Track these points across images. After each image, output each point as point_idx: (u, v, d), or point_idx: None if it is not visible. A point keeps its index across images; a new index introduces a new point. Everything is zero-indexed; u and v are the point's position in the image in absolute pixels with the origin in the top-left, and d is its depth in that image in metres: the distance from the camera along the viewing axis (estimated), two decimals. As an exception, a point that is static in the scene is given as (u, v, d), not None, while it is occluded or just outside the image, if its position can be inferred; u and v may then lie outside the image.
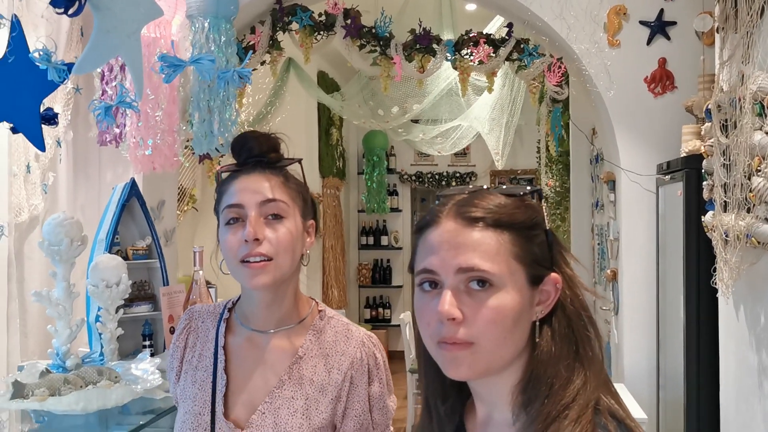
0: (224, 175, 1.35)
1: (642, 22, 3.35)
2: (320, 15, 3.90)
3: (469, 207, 0.90)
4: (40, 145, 1.58)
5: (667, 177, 3.14)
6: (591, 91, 3.43)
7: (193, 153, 4.09)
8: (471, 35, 3.79)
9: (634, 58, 3.36)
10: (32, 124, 1.61)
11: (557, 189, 5.37)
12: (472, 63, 3.74)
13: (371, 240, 8.62)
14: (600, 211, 4.22)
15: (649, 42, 3.36)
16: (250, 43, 3.94)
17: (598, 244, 4.35)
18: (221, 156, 4.33)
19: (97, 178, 3.71)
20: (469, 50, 3.75)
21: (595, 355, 0.90)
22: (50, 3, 1.12)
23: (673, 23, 3.33)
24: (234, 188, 1.29)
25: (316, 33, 3.91)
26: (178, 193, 5.50)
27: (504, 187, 0.94)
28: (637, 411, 2.99)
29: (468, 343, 0.86)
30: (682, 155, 2.97)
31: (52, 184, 3.37)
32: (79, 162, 3.60)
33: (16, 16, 1.59)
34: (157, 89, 3.01)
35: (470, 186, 0.98)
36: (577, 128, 4.52)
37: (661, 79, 3.35)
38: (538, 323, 0.90)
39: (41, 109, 1.67)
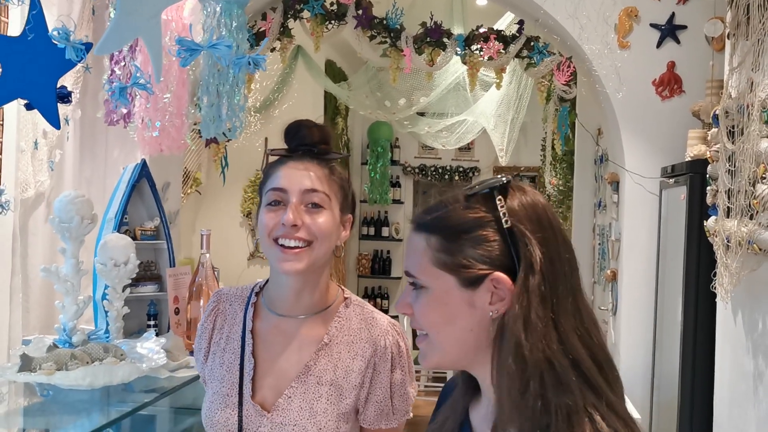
0: (273, 159, 1.38)
1: (653, 25, 3.36)
2: (332, 4, 3.91)
3: (422, 209, 0.96)
4: (56, 122, 1.60)
5: (671, 180, 3.16)
6: (599, 91, 3.44)
7: (200, 136, 4.11)
8: (481, 31, 3.81)
9: (643, 60, 3.38)
10: (48, 101, 1.63)
11: (560, 188, 5.38)
12: (481, 58, 3.76)
13: (372, 230, 8.64)
14: (602, 212, 4.24)
15: (659, 45, 3.37)
16: (261, 30, 3.96)
17: (599, 244, 4.37)
18: (228, 140, 4.35)
19: (103, 157, 3.73)
20: (479, 45, 3.77)
21: (527, 364, 0.84)
22: (76, -17, 1.14)
23: (684, 27, 3.34)
24: (281, 172, 1.32)
25: (327, 22, 3.92)
26: (183, 176, 5.52)
27: (472, 185, 0.93)
28: (630, 411, 3.01)
29: (423, 334, 0.95)
30: (687, 159, 2.99)
31: (59, 162, 3.39)
32: (86, 140, 3.61)
33: (35, -7, 1.61)
34: (167, 72, 3.02)
35: (470, 183, 0.99)
36: (583, 128, 4.53)
37: (669, 83, 3.36)
38: (498, 321, 0.89)
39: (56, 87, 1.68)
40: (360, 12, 3.86)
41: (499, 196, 0.89)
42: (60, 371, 1.67)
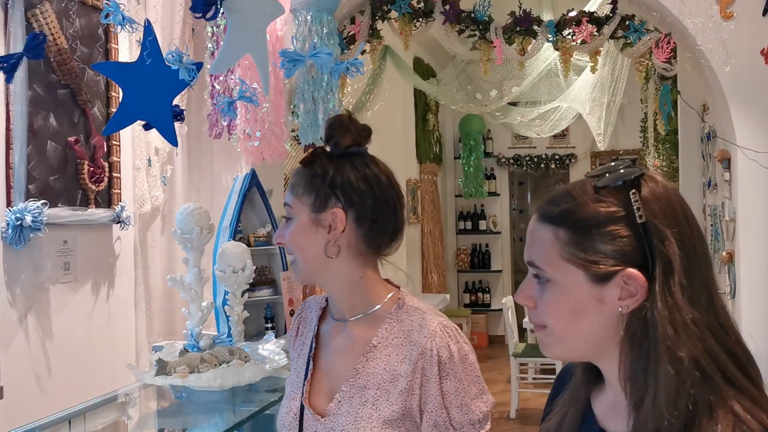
0: None
1: (757, -8, 3.19)
2: (419, 2, 3.92)
3: (546, 199, 0.93)
4: (173, 139, 1.70)
5: (788, 153, 2.99)
6: (704, 66, 3.30)
7: (299, 143, 4.22)
8: (572, 14, 3.72)
9: (749, 29, 3.21)
10: (165, 120, 1.72)
11: (665, 169, 5.19)
12: (574, 43, 3.68)
13: (469, 225, 8.60)
14: (713, 191, 4.06)
15: (765, 12, 3.20)
16: (351, 33, 4.02)
17: (711, 225, 4.19)
18: (325, 144, 4.43)
19: (209, 169, 3.90)
20: (571, 30, 3.69)
21: (664, 371, 0.81)
22: (190, 8, 1.21)
23: (792, -9, 3.16)
24: None
25: (415, 20, 3.94)
26: (285, 182, 5.67)
27: (601, 176, 0.89)
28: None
29: (541, 325, 0.93)
30: (805, 130, 2.83)
31: (170, 176, 3.58)
32: (192, 154, 3.79)
33: (149, 21, 1.71)
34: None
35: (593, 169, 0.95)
36: (687, 105, 4.35)
37: (780, 51, 3.18)
38: (628, 317, 0.87)
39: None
40: (447, 7, 3.86)
41: (633, 190, 0.86)
42: (192, 374, 1.77)
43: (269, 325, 2.51)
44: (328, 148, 1.29)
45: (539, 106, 6.31)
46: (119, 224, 3.11)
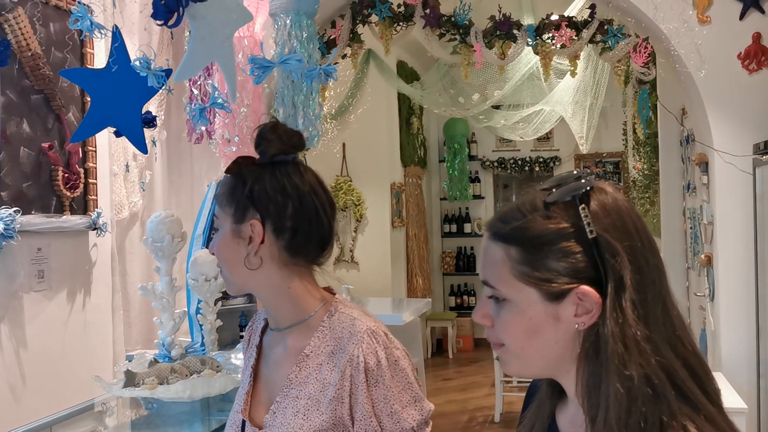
0: None
1: (734, -4, 3.21)
2: (399, 6, 3.92)
3: (497, 215, 0.92)
4: (143, 147, 1.68)
5: (765, 157, 3.01)
6: (680, 71, 3.31)
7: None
8: (552, 19, 3.73)
9: (726, 34, 3.23)
10: (135, 127, 1.70)
11: (645, 172, 5.21)
12: (554, 47, 3.68)
13: (454, 228, 8.61)
14: (692, 194, 4.08)
15: (741, 17, 3.21)
16: (331, 38, 4.01)
17: (691, 228, 4.21)
18: (306, 149, 4.42)
19: (189, 174, 3.88)
20: (550, 34, 3.70)
21: (613, 390, 0.80)
22: (151, 16, 1.20)
23: (769, -5, 3.18)
24: None
25: (396, 24, 3.93)
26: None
27: (551, 190, 0.87)
28: (736, 401, 2.89)
29: (499, 343, 0.91)
30: (780, 134, 2.84)
31: (149, 182, 3.55)
32: (172, 160, 3.77)
33: (117, 27, 1.69)
34: (242, 87, 3.11)
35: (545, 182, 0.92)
36: (665, 109, 4.37)
37: (756, 55, 3.20)
38: (584, 333, 0.86)
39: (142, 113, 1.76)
40: (427, 11, 3.86)
41: (582, 205, 0.84)
42: (162, 385, 1.75)
43: (243, 334, 2.48)
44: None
45: (522, 109, 6.33)
46: (96, 231, 3.07)
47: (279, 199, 1.24)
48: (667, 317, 0.84)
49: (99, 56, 3.13)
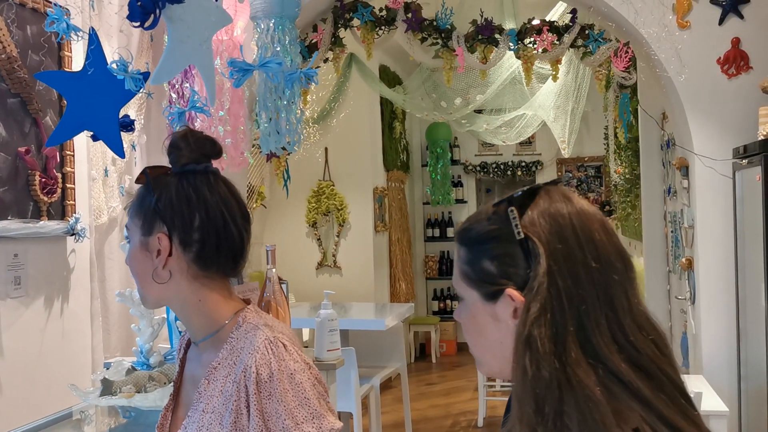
0: None
1: (713, 2, 3.23)
2: (381, 10, 3.92)
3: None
4: (120, 151, 1.65)
5: (745, 161, 3.03)
6: (660, 75, 3.33)
7: (261, 152, 4.18)
8: (534, 23, 3.74)
9: (705, 39, 3.25)
10: (112, 131, 1.68)
11: (627, 176, 5.24)
12: (535, 51, 3.70)
13: (437, 232, 8.62)
14: (673, 198, 4.10)
15: (721, 22, 3.24)
16: (313, 42, 4.00)
17: (672, 231, 4.23)
18: (288, 154, 4.41)
19: (170, 179, 3.84)
20: (532, 39, 3.71)
21: (518, 393, 0.82)
22: (127, 17, 1.18)
23: (747, 1, 3.20)
24: None
25: (378, 28, 3.93)
26: (247, 191, 5.62)
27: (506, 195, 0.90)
28: (717, 404, 2.90)
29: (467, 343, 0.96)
30: (759, 138, 2.86)
31: (129, 187, 3.51)
32: (152, 164, 3.72)
33: (93, 29, 1.66)
34: (221, 91, 3.08)
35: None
36: (646, 114, 4.40)
37: (735, 60, 3.22)
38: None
39: (119, 117, 1.74)
40: (409, 15, 3.86)
41: (512, 207, 0.86)
42: (139, 393, 1.72)
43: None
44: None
45: (504, 113, 6.35)
46: (74, 236, 3.03)
47: (185, 211, 1.20)
48: (615, 322, 0.83)
49: (77, 59, 3.09)
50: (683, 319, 3.97)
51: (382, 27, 3.93)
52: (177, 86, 2.90)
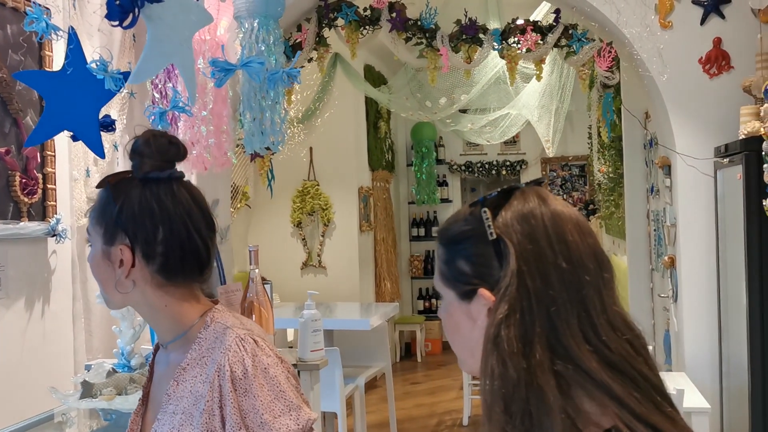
0: None
1: (695, 2, 3.26)
2: (365, 10, 3.91)
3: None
4: (100, 152, 1.63)
5: (726, 160, 3.05)
6: (643, 75, 3.35)
7: (245, 151, 4.16)
8: (518, 23, 3.75)
9: (687, 39, 3.28)
10: (92, 132, 1.66)
11: (610, 175, 5.27)
12: (519, 51, 3.71)
13: (422, 231, 8.63)
14: (655, 197, 4.13)
15: (702, 22, 3.26)
16: (297, 41, 3.98)
17: (655, 230, 4.26)
18: (272, 153, 4.40)
19: (153, 179, 3.81)
20: (516, 38, 3.72)
21: (487, 393, 0.82)
22: (105, 16, 1.16)
23: (728, 1, 3.23)
24: None
25: (362, 28, 3.92)
26: (231, 191, 5.60)
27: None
28: (699, 400, 2.92)
29: None
30: (740, 137, 2.89)
31: (90, 192, 3.47)
32: (135, 164, 3.70)
33: (73, 28, 1.64)
34: (203, 90, 3.06)
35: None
36: (629, 113, 4.43)
37: (717, 60, 3.25)
38: None
39: (99, 117, 1.72)
40: (394, 15, 3.86)
41: (485, 208, 0.87)
42: (120, 396, 1.70)
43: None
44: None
45: (489, 113, 6.36)
46: (55, 237, 3.00)
47: (148, 224, 1.19)
48: (588, 322, 0.83)
49: (57, 59, 3.06)
50: (666, 316, 4.00)
51: (367, 27, 3.92)
52: (160, 86, 2.87)
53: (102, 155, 1.64)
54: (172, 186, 1.22)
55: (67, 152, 3.15)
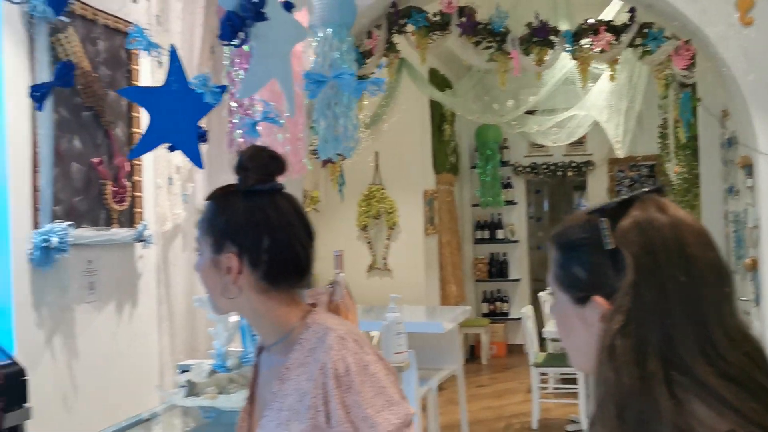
0: None
1: (777, -3, 3.17)
2: (435, 15, 3.93)
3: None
4: (198, 162, 1.71)
5: (813, 160, 2.96)
6: (724, 73, 3.27)
7: (317, 157, 4.24)
8: (590, 23, 3.72)
9: (769, 35, 3.19)
10: (191, 143, 1.74)
11: (686, 176, 5.15)
12: (592, 52, 3.67)
13: (486, 234, 8.58)
14: (734, 198, 4.03)
15: (785, 17, 3.17)
16: (368, 48, 4.04)
17: (734, 231, 4.15)
18: (343, 159, 4.46)
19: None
20: (588, 39, 3.69)
21: (600, 407, 0.84)
22: (219, 37, 1.23)
23: (812, -5, 3.13)
24: None
25: (432, 33, 3.95)
26: (303, 197, 5.69)
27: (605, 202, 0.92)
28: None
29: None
30: (829, 136, 2.80)
31: (191, 194, 3.60)
32: (212, 171, 3.81)
33: (173, 46, 1.72)
34: (280, 98, 3.15)
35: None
36: (706, 112, 4.33)
37: (801, 56, 3.15)
38: None
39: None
40: (464, 19, 3.87)
41: (604, 218, 0.87)
42: (221, 394, 1.78)
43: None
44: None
45: (556, 114, 6.30)
46: (141, 243, 3.13)
47: (254, 234, 1.27)
48: (704, 335, 0.83)
49: (144, 73, 3.19)
50: (747, 320, 3.89)
51: (436, 32, 3.95)
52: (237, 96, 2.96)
53: (200, 165, 1.72)
54: (275, 197, 1.31)
55: (151, 161, 3.27)
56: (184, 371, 2.21)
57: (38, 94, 1.59)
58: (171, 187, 3.43)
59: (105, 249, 2.94)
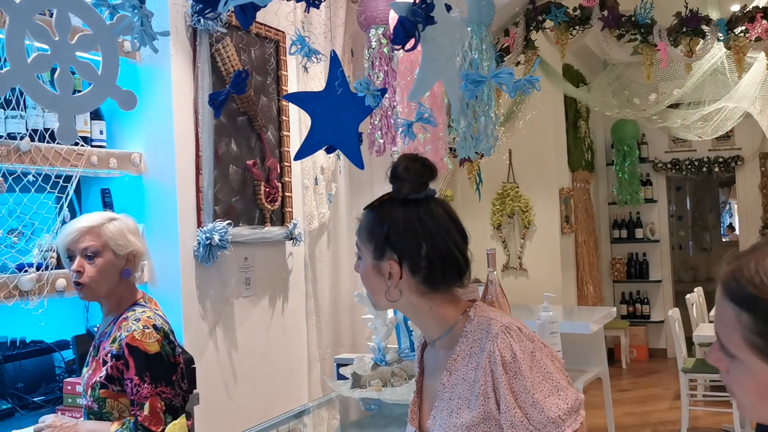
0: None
1: None
2: (575, 9, 3.86)
3: (731, 271, 0.86)
4: (360, 163, 1.78)
5: None
6: None
7: (455, 156, 4.26)
8: (745, 11, 3.52)
9: None
10: (353, 145, 1.81)
11: None
12: (748, 40, 3.47)
13: (624, 233, 8.28)
14: None
15: None
16: (505, 46, 4.02)
17: None
18: (481, 157, 4.47)
19: (369, 185, 4.03)
20: (743, 27, 3.48)
21: None
22: (392, 41, 1.28)
23: None
24: None
25: (572, 28, 3.88)
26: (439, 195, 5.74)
27: None
28: None
29: (732, 393, 0.90)
30: None
31: (335, 194, 3.73)
32: (353, 172, 3.93)
33: (334, 52, 1.80)
34: (423, 99, 3.19)
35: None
36: None
37: None
38: None
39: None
40: (605, 12, 3.77)
41: None
42: (386, 387, 1.84)
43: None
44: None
45: (703, 107, 5.97)
46: (291, 241, 3.28)
47: (412, 241, 1.34)
48: None
49: (291, 78, 3.34)
50: None
51: (577, 26, 3.87)
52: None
53: (361, 166, 1.79)
54: (429, 205, 1.38)
55: (299, 162, 3.42)
56: (341, 365, 2.29)
57: (216, 101, 1.71)
58: (317, 188, 3.57)
59: (259, 246, 3.11)
